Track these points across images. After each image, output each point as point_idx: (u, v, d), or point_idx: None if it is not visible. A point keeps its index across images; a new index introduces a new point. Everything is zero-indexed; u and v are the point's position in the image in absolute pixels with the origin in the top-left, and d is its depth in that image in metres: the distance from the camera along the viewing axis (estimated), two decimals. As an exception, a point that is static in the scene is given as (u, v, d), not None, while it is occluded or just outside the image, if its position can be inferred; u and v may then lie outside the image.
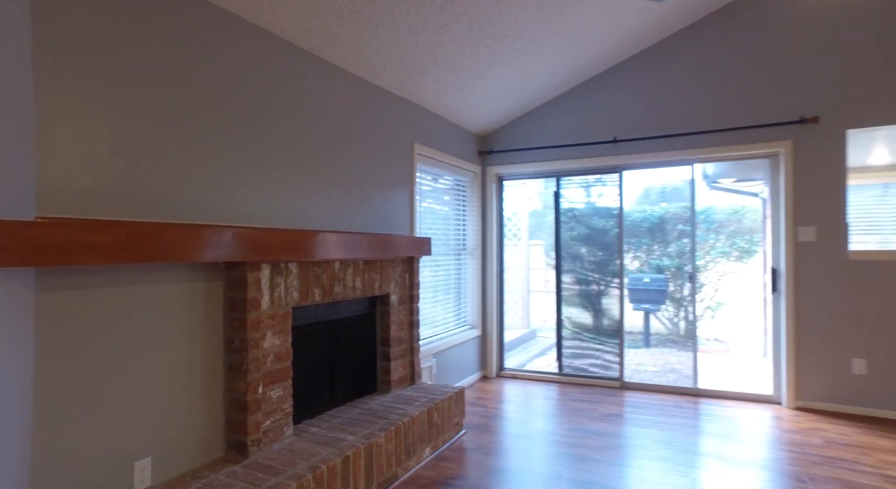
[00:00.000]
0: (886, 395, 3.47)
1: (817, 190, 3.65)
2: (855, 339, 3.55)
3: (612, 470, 2.70)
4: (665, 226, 6.67)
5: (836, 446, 3.00)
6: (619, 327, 4.40)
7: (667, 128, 4.07)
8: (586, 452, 2.93)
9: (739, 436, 3.17)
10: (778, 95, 3.73)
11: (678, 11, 3.71)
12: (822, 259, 3.63)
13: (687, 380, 4.27)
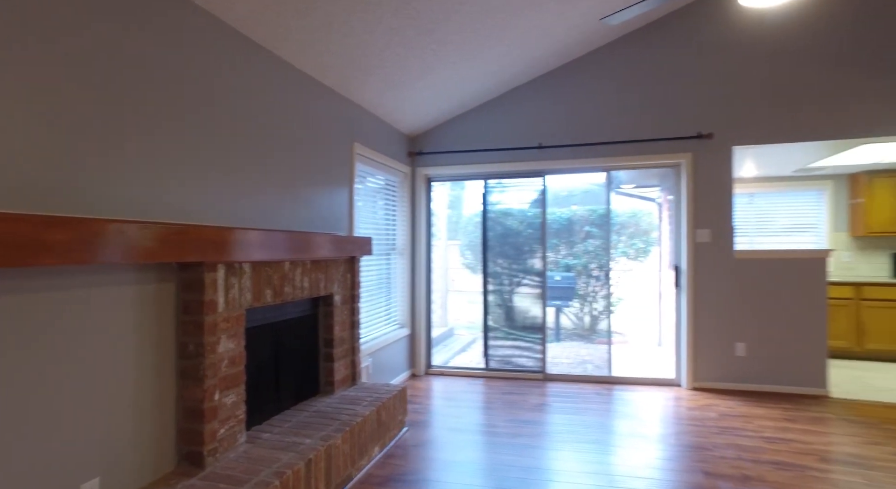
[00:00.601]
0: (760, 372, 4.08)
1: (711, 197, 4.18)
2: (738, 326, 4.12)
3: (551, 454, 2.91)
4: (573, 227, 7.17)
5: (728, 418, 3.48)
6: (542, 323, 4.69)
7: (586, 137, 4.42)
8: (525, 440, 3.12)
9: (651, 416, 3.55)
10: (681, 112, 4.22)
11: (600, 30, 4.05)
12: (715, 258, 4.17)
13: (602, 369, 4.67)
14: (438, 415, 3.63)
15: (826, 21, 3.96)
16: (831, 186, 5.97)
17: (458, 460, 2.84)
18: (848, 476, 2.61)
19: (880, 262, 5.78)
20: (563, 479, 2.59)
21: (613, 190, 7.36)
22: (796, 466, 2.72)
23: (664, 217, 6.44)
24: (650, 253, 7.37)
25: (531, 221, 4.78)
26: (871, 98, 3.88)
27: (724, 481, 2.54)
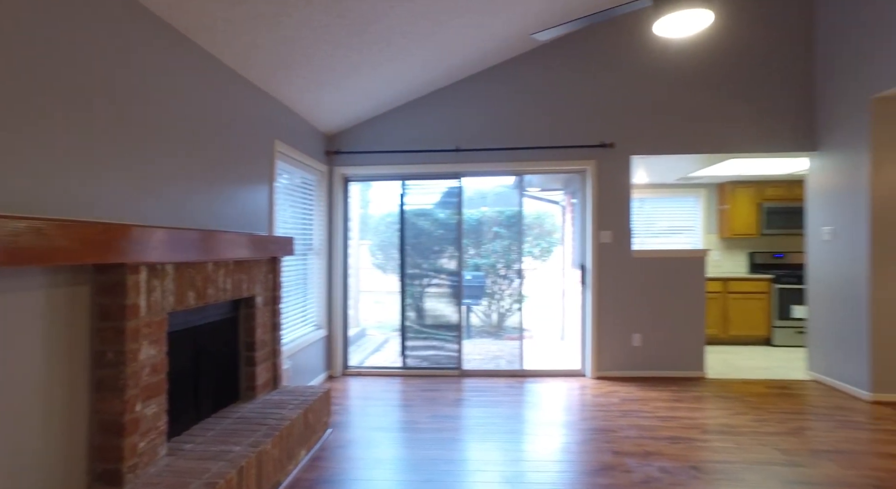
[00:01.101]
0: (653, 360, 4.56)
1: (613, 201, 4.59)
2: (635, 319, 4.57)
3: (474, 446, 3.04)
4: (482, 228, 7.45)
5: (628, 402, 3.86)
6: (457, 321, 4.84)
7: (501, 141, 4.65)
8: (448, 434, 3.23)
9: (562, 405, 3.83)
10: (587, 122, 4.58)
11: (518, 40, 4.28)
12: (616, 257, 4.58)
13: (514, 363, 4.92)
14: (361, 415, 3.63)
15: (711, 54, 4.51)
16: (704, 194, 6.79)
17: (385, 458, 2.87)
18: (723, 443, 3.02)
19: (741, 260, 6.68)
20: (488, 468, 2.73)
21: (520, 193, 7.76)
22: (685, 439, 3.10)
23: (567, 219, 6.91)
24: (553, 252, 7.86)
25: (447, 222, 4.91)
26: (739, 120, 4.50)
27: (630, 458, 2.83)
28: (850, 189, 4.06)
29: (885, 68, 3.71)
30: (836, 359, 4.22)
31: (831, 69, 4.26)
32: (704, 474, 2.62)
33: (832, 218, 4.27)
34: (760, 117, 4.49)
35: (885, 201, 3.86)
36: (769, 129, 4.49)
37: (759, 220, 6.34)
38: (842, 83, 4.15)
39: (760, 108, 4.49)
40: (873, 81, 3.83)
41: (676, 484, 2.51)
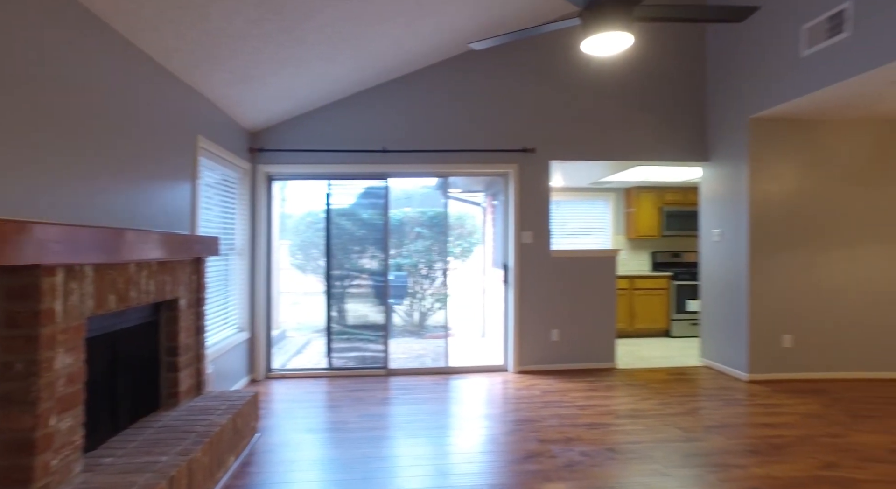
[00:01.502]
0: (570, 353, 4.87)
1: (533, 203, 4.83)
2: (553, 315, 4.85)
3: (406, 442, 3.11)
4: (404, 228, 7.52)
5: (549, 393, 4.11)
6: (384, 320, 4.87)
7: (427, 143, 4.74)
8: (378, 432, 3.27)
9: (487, 399, 4.00)
10: (511, 128, 4.80)
11: (445, 45, 4.39)
12: (536, 257, 4.83)
13: (439, 361, 5.04)
14: (289, 418, 3.56)
15: (625, 71, 4.89)
16: (613, 197, 7.32)
17: (318, 459, 2.86)
18: (634, 426, 3.32)
19: (644, 259, 7.29)
20: (421, 463, 2.80)
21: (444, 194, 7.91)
22: (602, 424, 3.36)
23: (488, 219, 7.15)
24: (473, 252, 8.09)
25: (372, 222, 4.92)
26: (645, 132, 4.92)
27: (553, 444, 3.03)
28: (734, 196, 4.59)
29: (759, 93, 4.24)
30: (722, 347, 4.75)
31: (719, 92, 4.79)
32: (620, 454, 2.88)
33: (720, 221, 4.80)
34: (663, 130, 4.95)
35: (759, 207, 4.41)
36: (670, 141, 4.96)
37: (661, 223, 6.95)
38: (726, 104, 4.68)
39: (663, 123, 4.95)
40: (750, 104, 4.36)
41: (596, 465, 2.74)
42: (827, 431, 3.23)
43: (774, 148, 4.43)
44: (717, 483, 2.53)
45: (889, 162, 4.53)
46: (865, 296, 4.49)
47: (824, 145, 4.48)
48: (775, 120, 4.42)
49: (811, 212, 4.46)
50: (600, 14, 2.18)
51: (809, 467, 2.71)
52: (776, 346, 4.42)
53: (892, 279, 4.51)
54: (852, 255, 4.49)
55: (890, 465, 2.74)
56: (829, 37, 3.57)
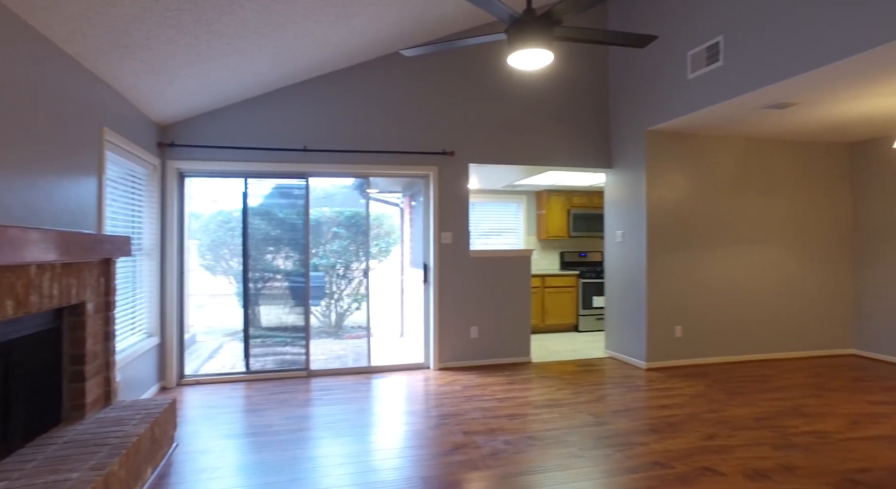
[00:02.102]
0: (488, 349, 5.09)
1: (453, 205, 5.00)
2: (472, 313, 5.04)
3: (334, 441, 3.12)
4: (321, 228, 7.41)
5: (470, 388, 4.28)
6: (304, 321, 4.80)
7: (349, 144, 4.74)
8: (305, 434, 3.25)
9: (411, 396, 4.09)
10: (432, 131, 4.92)
11: (369, 46, 4.42)
12: (455, 256, 5.00)
13: (360, 360, 5.05)
14: (209, 424, 3.42)
15: (541, 82, 5.19)
16: (525, 200, 7.71)
17: (243, 464, 2.79)
18: (550, 414, 3.58)
19: (554, 258, 7.75)
20: (350, 461, 2.84)
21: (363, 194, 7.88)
22: (521, 415, 3.58)
23: (406, 220, 7.24)
24: (391, 252, 8.13)
25: (292, 222, 4.84)
26: (557, 139, 5.27)
27: (478, 436, 3.19)
28: (634, 200, 5.05)
29: (652, 109, 4.72)
30: (624, 339, 5.21)
31: (620, 106, 5.25)
32: (539, 441, 3.09)
33: (622, 223, 5.26)
34: (572, 138, 5.32)
35: (655, 211, 4.90)
36: (578, 149, 5.35)
37: (569, 224, 7.43)
38: (626, 117, 5.14)
39: (573, 131, 5.32)
40: (646, 118, 4.83)
41: (518, 452, 2.93)
42: (708, 408, 3.68)
43: (667, 158, 4.94)
44: (623, 460, 2.81)
45: (752, 174, 5.21)
46: (738, 290, 5.14)
47: (707, 158, 5.07)
48: (668, 133, 4.93)
49: (697, 216, 5.03)
50: (524, 32, 2.36)
51: (696, 439, 3.09)
52: (669, 337, 4.94)
53: (758, 275, 5.20)
54: (728, 255, 5.11)
55: (754, 431, 3.20)
56: (708, 64, 4.07)
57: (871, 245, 5.33)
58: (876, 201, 5.29)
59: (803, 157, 5.38)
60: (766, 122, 4.54)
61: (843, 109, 4.13)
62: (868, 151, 5.37)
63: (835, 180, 5.48)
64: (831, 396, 3.97)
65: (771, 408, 3.70)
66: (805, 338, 5.35)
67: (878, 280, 5.26)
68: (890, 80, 3.42)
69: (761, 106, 4.03)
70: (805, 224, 5.37)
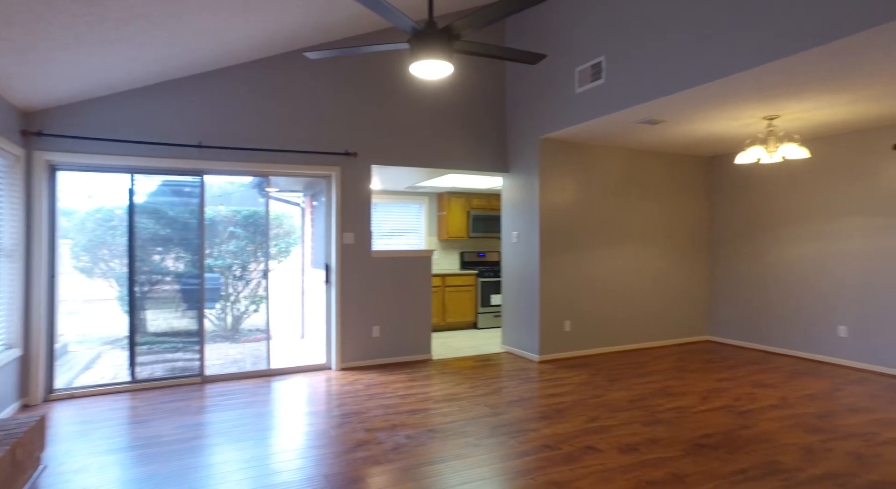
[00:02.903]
0: (391, 348, 5.18)
1: (355, 205, 5.01)
2: (374, 313, 5.10)
3: (232, 447, 3.03)
4: (217, 227, 7.06)
5: (372, 386, 4.34)
6: (198, 325, 4.56)
7: (248, 141, 4.58)
8: (200, 442, 3.12)
9: (313, 397, 4.06)
10: (334, 131, 4.90)
11: (269, 41, 4.30)
12: (357, 257, 5.02)
13: (259, 363, 4.90)
14: (86, 441, 3.15)
15: (443, 87, 5.35)
16: (427, 201, 7.89)
17: (131, 478, 2.63)
18: (450, 408, 3.74)
19: (454, 258, 8.01)
20: (251, 465, 2.78)
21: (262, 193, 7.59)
22: (422, 410, 3.71)
23: (307, 220, 7.09)
24: (291, 253, 7.92)
25: (186, 221, 4.58)
26: (457, 144, 5.48)
27: (380, 432, 3.26)
28: (528, 203, 5.40)
29: (544, 119, 5.09)
30: (519, 334, 5.55)
31: (516, 113, 5.59)
32: (439, 433, 3.24)
33: (518, 225, 5.60)
34: (472, 143, 5.57)
35: (547, 214, 5.28)
36: (477, 153, 5.60)
37: (468, 225, 7.72)
38: (522, 124, 5.49)
39: (473, 136, 5.57)
40: (540, 127, 5.20)
41: (420, 445, 3.04)
42: (592, 394, 4.07)
43: (559, 165, 5.34)
44: (516, 445, 3.03)
45: (632, 181, 5.81)
46: (619, 286, 5.70)
47: (593, 165, 5.56)
48: (559, 141, 5.34)
49: (584, 219, 5.49)
50: (426, 43, 2.47)
51: (581, 422, 3.41)
52: (559, 331, 5.34)
53: (635, 272, 5.80)
54: (611, 254, 5.65)
55: (629, 412, 3.60)
56: (593, 81, 4.48)
57: (720, 244, 6.17)
58: (723, 207, 6.12)
59: (672, 167, 6.08)
60: (642, 135, 5.09)
61: (700, 128, 4.75)
62: (719, 164, 6.20)
63: (696, 188, 6.26)
64: (689, 377, 4.56)
65: (643, 390, 4.17)
66: (672, 328, 6.06)
67: (723, 275, 6.10)
68: (730, 107, 4.01)
69: (636, 121, 4.52)
70: (673, 226, 6.07)
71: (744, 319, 5.89)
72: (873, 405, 3.75)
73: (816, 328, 5.18)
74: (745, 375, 4.61)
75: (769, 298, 5.63)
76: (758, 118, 4.33)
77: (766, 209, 5.68)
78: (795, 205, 5.38)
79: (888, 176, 4.64)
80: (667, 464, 2.75)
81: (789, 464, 2.74)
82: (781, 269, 5.52)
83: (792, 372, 4.73)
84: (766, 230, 5.67)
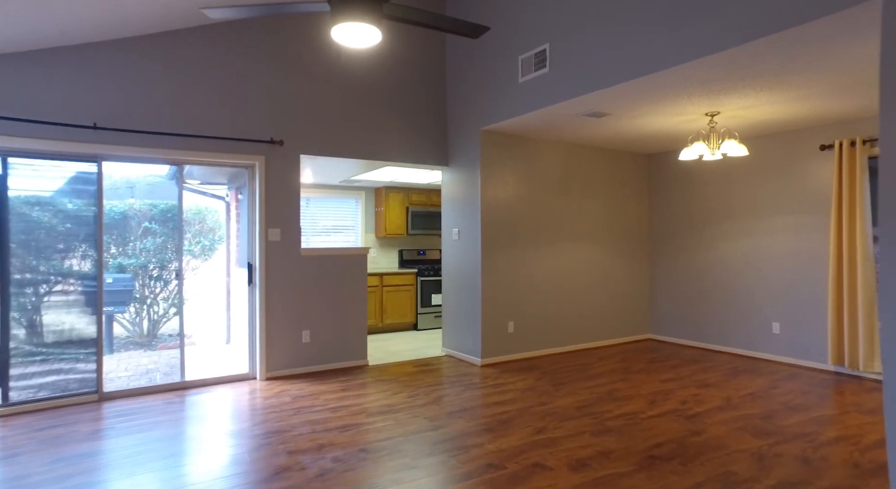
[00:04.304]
0: (323, 354, 4.76)
1: (281, 199, 4.55)
2: (304, 316, 4.66)
3: (128, 482, 2.55)
4: (129, 223, 6.36)
5: (300, 399, 3.92)
6: (94, 334, 3.96)
7: (158, 124, 4.01)
8: (83, 479, 2.60)
9: (230, 413, 3.60)
10: (258, 116, 4.41)
11: (181, 11, 3.76)
12: (284, 255, 4.56)
13: (172, 375, 4.34)
14: (-69, 484, 2.56)
15: (378, 72, 4.97)
16: (364, 196, 7.47)
17: (-18, 534, 2.11)
18: (385, 422, 3.40)
19: (393, 256, 7.65)
20: (145, 506, 2.33)
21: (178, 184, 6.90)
22: (354, 425, 3.34)
23: (233, 215, 6.50)
24: (217, 250, 7.28)
25: (79, 214, 3.96)
26: (394, 134, 5.13)
27: (304, 455, 2.87)
28: (469, 199, 5.13)
29: (487, 109, 4.84)
30: (461, 336, 5.28)
31: (456, 102, 5.30)
32: (372, 454, 2.88)
33: (459, 221, 5.32)
34: (409, 133, 5.23)
35: (489, 209, 5.04)
36: (415, 145, 5.27)
37: (407, 222, 7.37)
38: (462, 114, 5.21)
39: (410, 126, 5.23)
40: (481, 117, 4.95)
41: (349, 469, 2.68)
42: (538, 401, 3.85)
43: (501, 158, 5.11)
44: (458, 465, 2.74)
45: (574, 177, 5.68)
46: (561, 285, 5.55)
47: (536, 160, 5.37)
48: (501, 134, 5.10)
49: (526, 216, 5.29)
50: (348, 4, 2.12)
51: (527, 434, 3.17)
52: (503, 333, 5.12)
53: (577, 271, 5.68)
54: (553, 252, 5.49)
55: (576, 420, 3.40)
56: (536, 70, 4.26)
57: (660, 242, 6.18)
58: (662, 204, 6.13)
59: (614, 163, 6.00)
60: (587, 129, 4.94)
61: (645, 123, 4.65)
62: (659, 162, 6.20)
63: (636, 186, 6.23)
64: (635, 379, 4.45)
65: (590, 395, 3.99)
66: (615, 328, 5.99)
67: (663, 273, 6.11)
68: (674, 101, 3.91)
69: (581, 113, 4.34)
70: (615, 224, 6.00)
71: (684, 317, 5.91)
72: (808, 402, 3.76)
73: (752, 325, 5.25)
74: (689, 375, 4.56)
75: (707, 296, 5.67)
76: (700, 114, 4.27)
77: (702, 207, 5.72)
78: (730, 202, 5.43)
79: (815, 175, 4.73)
80: (621, 481, 2.54)
81: (744, 474, 2.60)
82: (717, 267, 5.56)
83: (731, 370, 4.74)
84: (703, 227, 5.71)
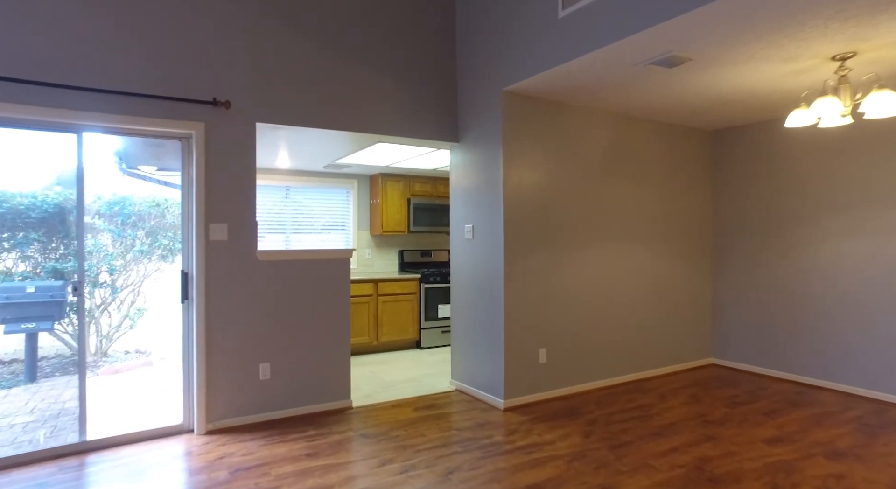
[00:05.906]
0: (288, 395, 3.50)
1: (230, 183, 3.29)
2: (262, 343, 3.40)
3: None
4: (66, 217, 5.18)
5: (241, 473, 2.66)
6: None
7: (46, 71, 2.77)
8: None
9: (131, 505, 2.35)
10: (195, 68, 3.16)
11: None
12: (233, 260, 3.30)
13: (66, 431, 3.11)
14: None
15: (368, 24, 3.69)
16: (356, 185, 6.20)
17: None
18: (365, 524, 2.14)
19: (392, 259, 6.37)
20: None
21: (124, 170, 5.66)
22: (311, 537, 2.08)
23: (189, 208, 5.26)
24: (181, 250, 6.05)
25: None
26: (389, 102, 3.85)
27: None
28: (487, 185, 3.84)
29: (512, 61, 3.55)
30: (476, 366, 3.98)
31: (470, 65, 4.01)
32: None
33: (472, 215, 4.03)
34: (410, 102, 3.95)
35: (513, 198, 3.75)
36: (417, 116, 3.99)
37: (409, 217, 6.10)
38: (478, 70, 3.92)
39: (411, 94, 3.95)
40: (503, 73, 3.65)
41: None
42: (596, 482, 2.56)
43: (528, 131, 3.81)
44: None
45: (622, 157, 4.37)
46: (608, 300, 4.25)
47: (573, 133, 4.06)
48: (529, 97, 3.80)
49: (560, 207, 3.99)
50: None
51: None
52: (533, 363, 3.82)
53: (626, 281, 4.37)
54: (595, 256, 4.18)
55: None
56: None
57: (728, 241, 4.85)
58: (731, 194, 4.80)
59: (670, 141, 4.69)
60: (645, 90, 3.64)
61: (732, 77, 3.34)
62: (729, 139, 4.87)
63: (697, 169, 4.90)
64: (723, 435, 3.15)
65: (671, 471, 2.69)
66: (671, 352, 4.68)
67: (731, 281, 4.79)
68: (791, 37, 2.60)
69: (649, 60, 3.04)
70: (671, 218, 4.68)
71: (762, 338, 4.59)
72: None
73: (870, 354, 3.92)
74: (799, 431, 3.23)
75: (797, 311, 4.34)
76: (825, 57, 2.96)
77: (791, 196, 4.39)
78: (833, 189, 4.10)
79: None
80: None
81: None
82: (811, 274, 4.23)
83: (857, 421, 3.39)
84: (791, 224, 4.38)
